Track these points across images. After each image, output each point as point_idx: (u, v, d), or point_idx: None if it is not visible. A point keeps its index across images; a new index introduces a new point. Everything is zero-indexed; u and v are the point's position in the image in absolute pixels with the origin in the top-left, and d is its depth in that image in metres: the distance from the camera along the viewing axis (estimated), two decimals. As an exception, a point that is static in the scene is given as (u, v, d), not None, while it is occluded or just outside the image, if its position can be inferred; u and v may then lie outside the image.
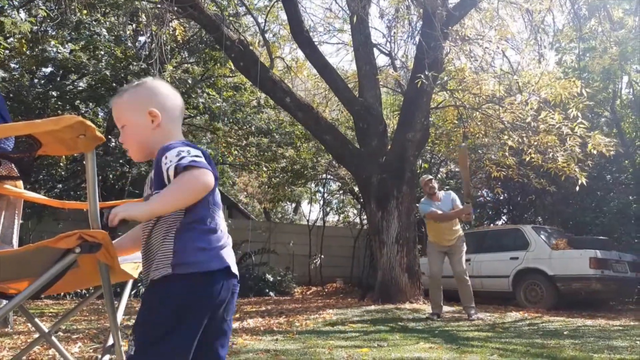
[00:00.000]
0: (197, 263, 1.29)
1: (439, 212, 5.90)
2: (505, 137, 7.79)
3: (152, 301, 1.32)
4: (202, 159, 1.29)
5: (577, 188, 7.16)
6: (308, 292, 11.56)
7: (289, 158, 11.85)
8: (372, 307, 6.68)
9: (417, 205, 6.86)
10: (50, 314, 5.94)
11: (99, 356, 2.37)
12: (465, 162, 5.91)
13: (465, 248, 6.02)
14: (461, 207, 5.92)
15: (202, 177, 1.26)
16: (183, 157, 1.26)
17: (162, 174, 1.29)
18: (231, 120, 10.77)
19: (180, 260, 1.28)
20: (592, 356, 3.46)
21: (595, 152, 6.88)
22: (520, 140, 7.43)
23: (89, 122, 1.23)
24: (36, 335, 1.95)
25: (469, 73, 7.55)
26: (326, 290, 11.82)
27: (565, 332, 4.81)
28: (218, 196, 1.43)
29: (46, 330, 1.87)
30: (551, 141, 7.04)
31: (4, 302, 1.62)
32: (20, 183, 2.42)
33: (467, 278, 5.89)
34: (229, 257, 1.37)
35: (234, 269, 1.38)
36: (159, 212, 1.26)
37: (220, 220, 1.41)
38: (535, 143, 7.25)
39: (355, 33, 8.50)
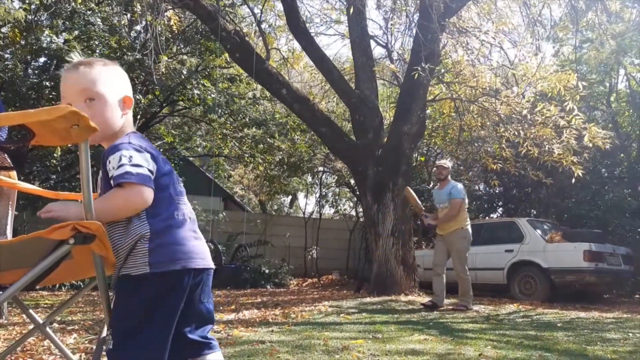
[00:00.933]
0: (172, 262, 1.32)
1: (435, 221, 6.21)
2: (502, 129, 7.80)
3: (126, 294, 1.35)
4: (142, 169, 1.28)
5: (573, 181, 7.19)
6: (304, 284, 11.59)
7: (284, 151, 11.83)
8: (368, 299, 6.71)
9: None
10: (45, 306, 5.93)
11: (94, 347, 2.37)
12: (412, 198, 6.37)
13: (461, 244, 5.96)
14: (457, 200, 5.97)
15: (132, 198, 1.27)
16: (121, 166, 1.26)
17: (109, 178, 1.30)
18: (226, 112, 10.72)
19: (156, 259, 1.31)
20: (586, 348, 3.49)
21: (591, 144, 6.90)
22: (516, 133, 7.44)
23: (82, 112, 1.22)
24: (31, 327, 1.94)
25: (465, 65, 7.53)
26: (322, 282, 11.85)
27: (559, 324, 4.85)
28: (178, 183, 1.44)
29: (41, 322, 1.86)
30: (547, 134, 7.05)
31: (-2, 293, 1.61)
32: (13, 174, 2.40)
33: (462, 275, 5.88)
34: (200, 248, 1.40)
35: (207, 261, 1.40)
36: (98, 219, 1.28)
37: (186, 207, 1.43)
38: (532, 136, 7.26)
39: (352, 25, 8.45)
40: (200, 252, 1.40)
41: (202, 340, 1.46)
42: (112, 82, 1.39)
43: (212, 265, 1.43)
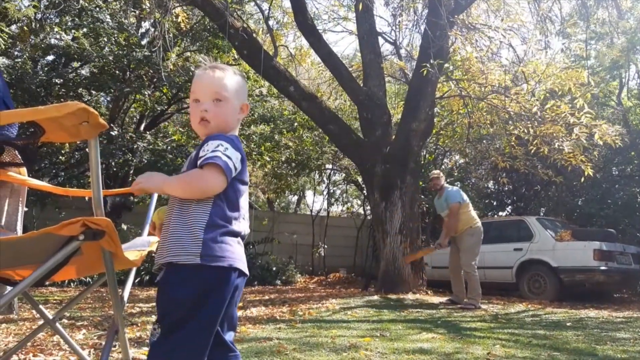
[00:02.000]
0: (224, 258, 1.35)
1: (445, 239, 6.30)
2: (511, 127, 7.74)
3: (175, 282, 1.35)
4: (230, 161, 1.35)
5: (583, 179, 7.13)
6: (311, 282, 11.59)
7: (292, 148, 11.82)
8: (375, 297, 6.70)
9: (422, 196, 7.05)
10: (54, 301, 5.98)
11: (103, 343, 2.37)
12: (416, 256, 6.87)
13: (469, 241, 6.00)
14: (454, 204, 6.08)
15: (211, 179, 1.34)
16: (215, 152, 1.35)
17: (197, 159, 1.38)
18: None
19: (208, 252, 1.33)
20: (595, 347, 3.46)
21: (601, 142, 6.83)
22: (526, 130, 7.38)
23: (91, 109, 1.22)
24: (41, 322, 1.95)
25: (474, 62, 7.48)
26: (329, 279, 11.85)
27: (568, 324, 4.81)
28: (246, 201, 1.48)
29: (51, 317, 1.87)
30: (557, 131, 6.98)
31: (9, 288, 1.62)
32: (23, 170, 2.40)
33: (468, 271, 5.89)
34: (243, 254, 1.45)
35: (246, 267, 1.45)
36: (167, 192, 1.39)
37: (243, 225, 1.47)
38: (541, 133, 7.20)
39: (360, 21, 8.42)
40: (243, 257, 1.45)
41: (230, 345, 1.49)
42: (237, 89, 1.54)
43: (248, 273, 1.47)
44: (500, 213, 12.96)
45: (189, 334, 1.30)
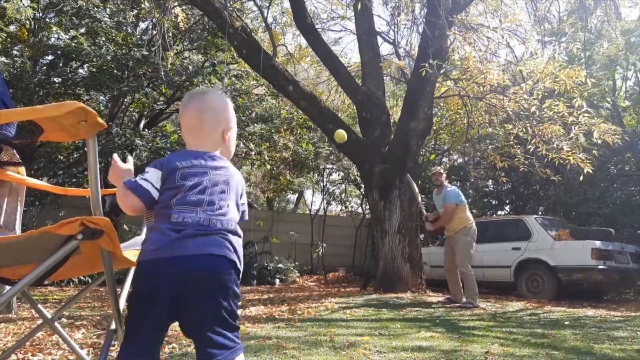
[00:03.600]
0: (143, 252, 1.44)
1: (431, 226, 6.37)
2: (510, 126, 7.75)
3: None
4: (140, 183, 1.44)
5: (582, 178, 7.14)
6: (310, 281, 11.60)
7: (290, 149, 11.81)
8: (374, 296, 6.70)
9: (422, 196, 7.09)
10: (53, 301, 5.98)
11: (102, 342, 2.38)
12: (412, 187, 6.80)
13: (464, 240, 6.00)
14: (449, 205, 6.10)
15: (121, 200, 1.46)
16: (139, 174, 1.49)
17: None
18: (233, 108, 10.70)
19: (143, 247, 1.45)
20: (593, 346, 3.47)
21: (599, 141, 6.85)
22: (524, 130, 7.39)
23: (89, 109, 1.23)
24: (40, 321, 1.96)
25: (473, 62, 7.49)
26: (328, 279, 11.86)
27: (566, 322, 4.82)
28: (196, 196, 1.45)
29: (49, 317, 1.87)
30: (556, 130, 7.00)
31: (7, 288, 1.62)
32: (22, 169, 2.41)
33: (464, 271, 5.91)
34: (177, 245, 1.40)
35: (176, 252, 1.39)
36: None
37: (188, 217, 1.43)
38: (540, 133, 7.21)
39: (359, 21, 8.42)
40: (170, 244, 1.51)
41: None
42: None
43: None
44: (499, 212, 12.98)
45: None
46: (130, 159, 1.61)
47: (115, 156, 1.56)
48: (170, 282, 1.36)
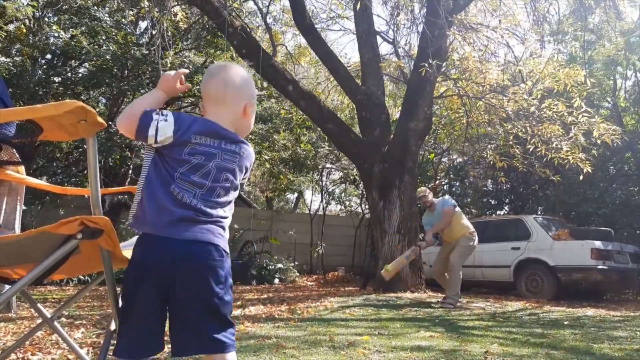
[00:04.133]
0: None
1: (430, 233, 6.09)
2: (509, 126, 7.75)
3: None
4: (156, 117, 1.40)
5: (581, 177, 7.14)
6: (309, 281, 11.60)
7: (290, 149, 11.81)
8: (373, 296, 6.71)
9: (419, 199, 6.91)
10: (53, 300, 5.98)
11: (102, 341, 2.37)
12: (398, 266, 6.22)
13: (467, 243, 6.00)
14: (448, 207, 6.02)
15: (123, 120, 1.41)
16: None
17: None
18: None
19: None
20: (592, 346, 3.47)
21: (599, 141, 6.84)
22: (524, 129, 7.39)
23: (89, 108, 1.22)
24: (39, 321, 1.96)
25: (472, 62, 7.49)
26: (327, 278, 11.86)
27: (565, 322, 4.82)
28: (199, 178, 1.44)
29: (49, 316, 1.87)
30: (555, 130, 7.00)
31: (7, 287, 1.62)
32: (22, 169, 2.41)
33: (455, 268, 5.90)
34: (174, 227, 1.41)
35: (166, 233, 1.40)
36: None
37: (183, 195, 1.42)
38: (539, 132, 7.21)
39: (359, 20, 8.42)
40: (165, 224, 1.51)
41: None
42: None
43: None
44: (498, 212, 12.99)
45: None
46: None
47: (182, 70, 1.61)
48: (161, 262, 1.36)
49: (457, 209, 6.17)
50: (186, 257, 1.36)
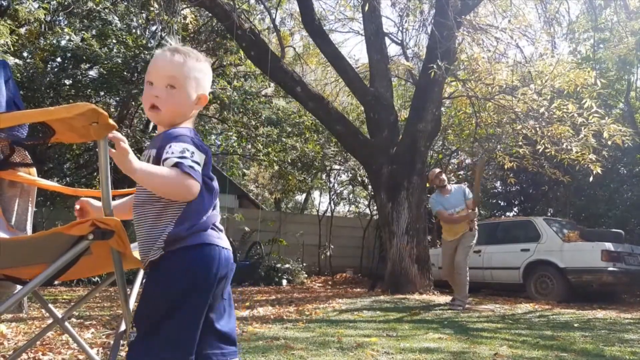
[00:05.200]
0: (205, 239, 1.37)
1: (447, 213, 5.92)
2: (519, 127, 7.70)
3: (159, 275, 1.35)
4: (198, 168, 1.29)
5: (592, 179, 7.07)
6: (317, 282, 11.60)
7: (298, 150, 11.82)
8: (382, 297, 6.69)
9: (429, 196, 6.88)
10: (63, 301, 6.03)
11: (111, 342, 2.40)
12: (482, 172, 5.87)
13: (473, 242, 5.97)
14: (473, 199, 5.93)
15: (190, 189, 1.27)
16: (184, 158, 1.27)
17: (160, 161, 1.30)
18: (241, 110, 10.75)
19: (180, 238, 1.33)
20: (603, 349, 3.44)
21: (610, 142, 6.78)
22: (533, 130, 7.35)
23: (101, 110, 1.23)
24: (50, 321, 1.98)
25: (482, 63, 7.45)
26: (335, 280, 11.85)
27: (575, 325, 4.79)
28: (215, 199, 1.44)
29: (60, 316, 1.89)
30: (564, 131, 6.94)
31: (19, 287, 1.64)
32: (33, 170, 2.43)
33: (461, 269, 5.86)
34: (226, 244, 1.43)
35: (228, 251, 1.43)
36: (139, 179, 1.25)
37: (215, 216, 1.43)
38: (549, 133, 7.16)
39: (367, 22, 8.42)
40: (223, 241, 1.49)
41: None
42: (196, 77, 1.43)
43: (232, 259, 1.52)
44: (508, 213, 12.90)
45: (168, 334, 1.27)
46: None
47: (117, 134, 1.23)
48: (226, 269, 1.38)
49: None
50: (232, 262, 1.42)
